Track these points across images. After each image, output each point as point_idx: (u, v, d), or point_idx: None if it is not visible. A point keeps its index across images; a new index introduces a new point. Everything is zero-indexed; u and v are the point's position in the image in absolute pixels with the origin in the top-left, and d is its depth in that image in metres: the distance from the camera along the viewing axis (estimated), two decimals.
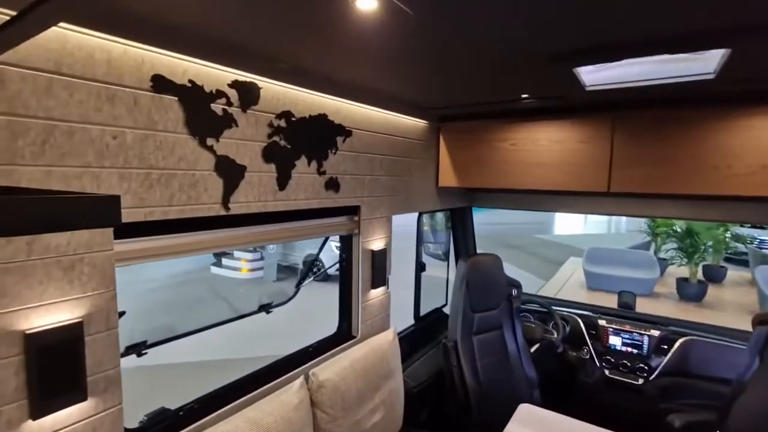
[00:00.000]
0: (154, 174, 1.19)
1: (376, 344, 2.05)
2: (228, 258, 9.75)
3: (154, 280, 8.57)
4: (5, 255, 0.93)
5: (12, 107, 0.92)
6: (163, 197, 1.22)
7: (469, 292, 2.49)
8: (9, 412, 0.95)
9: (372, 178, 2.10)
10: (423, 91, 1.93)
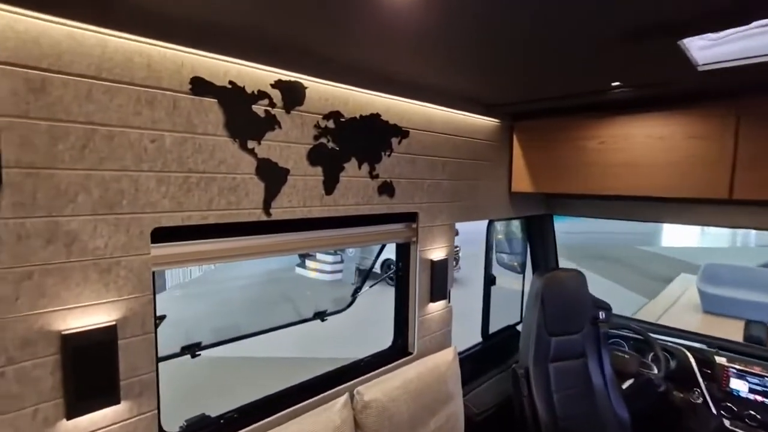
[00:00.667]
0: (192, 178, 1.18)
1: (434, 363, 1.87)
2: (310, 260, 10.23)
3: (241, 278, 9.27)
4: (45, 256, 0.96)
5: (53, 113, 0.94)
6: (201, 201, 1.20)
7: (545, 311, 2.18)
8: (46, 410, 0.98)
9: (432, 182, 1.93)
10: (492, 86, 1.72)
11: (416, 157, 1.84)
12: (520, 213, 2.54)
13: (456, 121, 2.00)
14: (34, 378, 0.96)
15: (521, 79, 1.59)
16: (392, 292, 2.02)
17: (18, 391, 0.94)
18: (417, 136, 1.83)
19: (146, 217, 1.10)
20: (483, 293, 2.64)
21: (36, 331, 0.95)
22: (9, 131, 0.89)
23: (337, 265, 9.95)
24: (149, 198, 1.10)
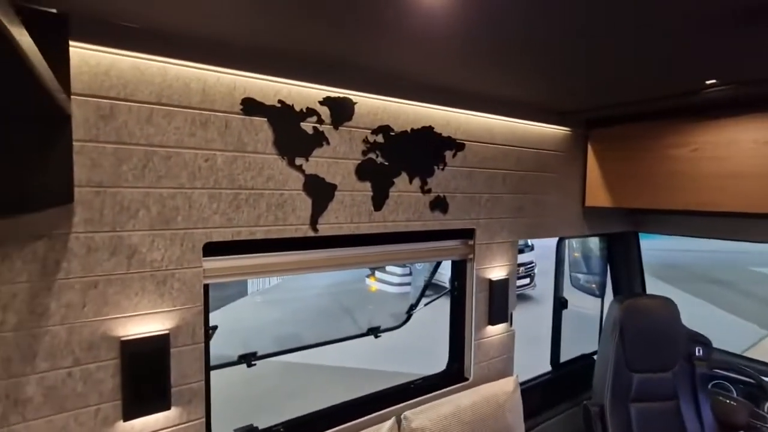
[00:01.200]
0: (242, 194, 1.22)
1: (491, 392, 1.72)
2: (380, 272, 10.33)
3: (315, 287, 9.63)
4: (109, 268, 1.04)
5: (119, 136, 1.03)
6: (250, 217, 1.24)
7: (625, 343, 1.91)
8: (106, 411, 1.06)
9: (491, 197, 1.81)
10: (561, 92, 1.58)
11: (473, 171, 1.74)
12: (596, 230, 2.28)
13: (520, 131, 1.87)
14: (97, 379, 1.04)
15: (598, 82, 1.44)
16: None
17: (83, 390, 1.02)
18: (474, 148, 1.73)
19: (198, 233, 1.16)
20: (552, 317, 2.40)
21: (99, 336, 1.04)
22: (81, 154, 0.99)
23: (405, 278, 9.91)
24: (201, 214, 1.16)
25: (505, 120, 1.81)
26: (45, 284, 0.97)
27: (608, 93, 1.59)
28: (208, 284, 1.23)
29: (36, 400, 0.97)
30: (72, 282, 1.00)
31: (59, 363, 1.00)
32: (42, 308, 0.97)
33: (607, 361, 1.91)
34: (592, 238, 2.89)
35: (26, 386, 0.96)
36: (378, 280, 10.17)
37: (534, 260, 8.70)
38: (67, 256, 0.99)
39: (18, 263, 0.94)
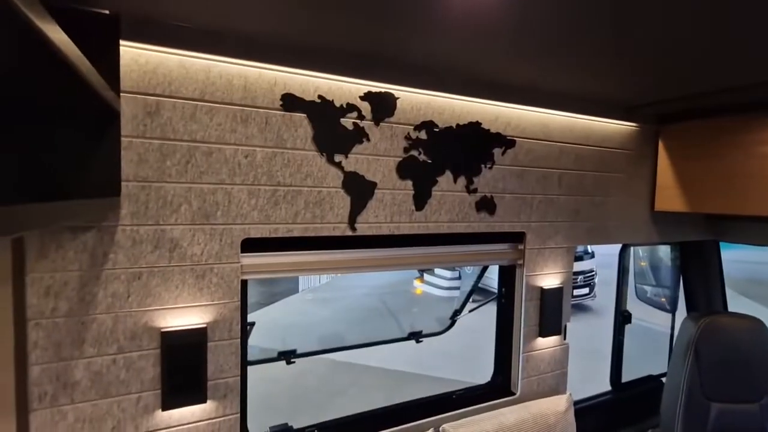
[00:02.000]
0: (280, 191, 1.21)
1: (540, 410, 1.59)
2: (429, 274, 10.20)
3: (363, 287, 9.71)
4: (152, 260, 1.07)
5: (164, 132, 1.06)
6: (288, 214, 1.23)
7: (701, 367, 1.68)
8: (146, 399, 1.09)
9: (544, 198, 1.67)
10: (629, 83, 1.42)
11: (524, 170, 1.62)
12: (667, 238, 2.04)
13: (579, 127, 1.71)
14: (139, 368, 1.07)
15: (676, 69, 1.26)
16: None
17: (125, 378, 1.06)
18: (526, 146, 1.61)
19: (237, 228, 1.16)
20: (613, 332, 2.19)
21: (142, 326, 1.07)
22: (129, 149, 1.03)
23: (454, 281, 9.69)
24: (240, 210, 1.16)
25: (562, 115, 1.66)
26: (94, 274, 1.01)
27: (685, 83, 1.40)
28: (245, 280, 1.23)
29: (83, 384, 1.02)
30: (118, 272, 1.04)
31: (105, 350, 1.04)
32: (90, 297, 1.01)
33: (678, 386, 1.69)
34: (661, 247, 2.61)
35: (74, 370, 1.01)
36: (426, 283, 10.04)
37: (594, 269, 8.14)
38: (114, 247, 1.03)
39: (70, 253, 0.99)
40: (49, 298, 0.98)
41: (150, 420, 1.09)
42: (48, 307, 0.98)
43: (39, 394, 0.98)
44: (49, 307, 0.98)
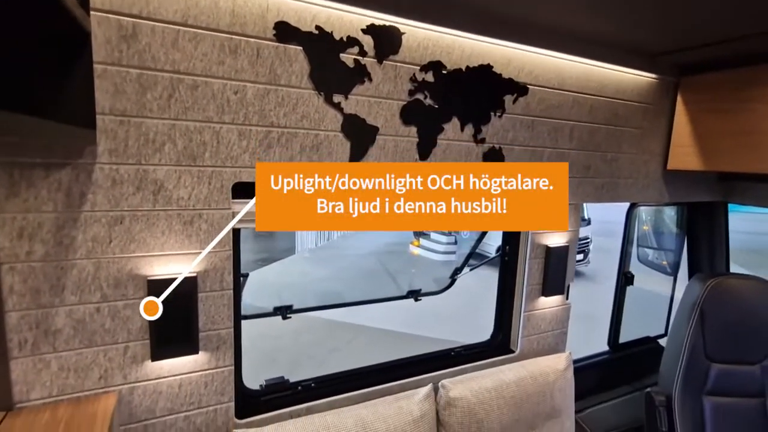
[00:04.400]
0: (274, 133, 1.11)
1: (539, 369, 1.57)
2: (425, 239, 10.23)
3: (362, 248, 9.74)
4: (134, 203, 0.99)
5: (142, 60, 0.95)
6: (282, 159, 1.13)
7: (705, 328, 1.66)
8: (134, 349, 1.04)
9: (554, 152, 1.58)
10: (654, 25, 1.29)
11: (536, 120, 1.51)
12: (678, 197, 1.97)
13: (596, 76, 1.59)
14: (125, 317, 1.01)
15: (700, 13, 1.14)
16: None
17: (111, 327, 1.00)
18: (539, 94, 1.49)
19: (227, 172, 1.07)
20: (615, 294, 2.16)
21: (126, 273, 1.00)
22: (103, 79, 0.91)
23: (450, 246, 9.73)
24: (230, 152, 1.07)
25: (579, 62, 1.54)
26: (71, 215, 0.93)
27: (712, 26, 1.27)
28: (238, 229, 1.16)
29: (66, 332, 0.96)
30: (98, 215, 0.96)
31: (87, 298, 0.97)
32: (68, 240, 0.94)
33: (680, 346, 1.67)
34: (666, 209, 2.55)
35: (55, 318, 0.95)
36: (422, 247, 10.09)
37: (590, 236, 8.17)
38: (91, 187, 0.94)
39: (43, 192, 0.90)
40: (23, 240, 0.90)
41: (139, 370, 1.05)
42: (22, 250, 0.90)
43: (19, 342, 0.92)
44: (24, 251, 0.90)
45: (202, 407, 1.14)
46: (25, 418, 0.91)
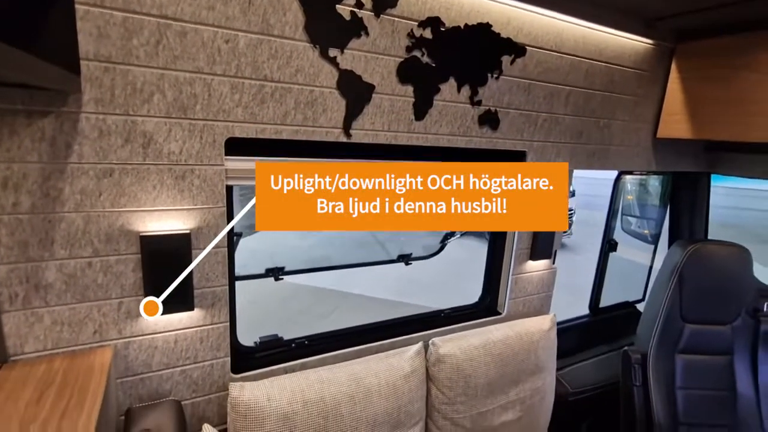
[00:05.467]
0: (267, 87, 1.07)
1: (524, 329, 1.63)
2: None
3: None
4: (123, 156, 0.96)
5: (126, 3, 0.89)
6: (276, 114, 1.10)
7: (683, 291, 1.73)
8: (129, 304, 1.03)
9: (549, 117, 1.58)
10: None
11: (532, 84, 1.50)
12: (665, 166, 2.01)
13: (593, 39, 1.57)
14: (118, 272, 1.00)
15: None
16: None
17: (104, 282, 0.99)
18: (537, 56, 1.47)
19: (219, 126, 1.04)
20: (598, 259, 2.23)
21: (117, 228, 0.98)
22: (85, 20, 0.86)
23: None
24: (222, 105, 1.03)
25: (577, 24, 1.51)
26: (57, 167, 0.90)
27: None
28: (231, 186, 1.14)
29: (57, 286, 0.95)
30: (85, 168, 0.93)
31: (78, 252, 0.95)
32: (56, 192, 0.91)
33: (658, 308, 1.75)
34: (651, 180, 2.60)
35: (46, 272, 0.93)
36: None
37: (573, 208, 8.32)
38: (77, 138, 0.91)
39: (26, 141, 0.86)
40: (8, 191, 0.87)
41: (134, 325, 1.05)
42: (8, 201, 0.87)
43: (9, 295, 0.91)
44: (9, 202, 0.87)
45: (198, 362, 1.15)
46: (20, 369, 0.91)
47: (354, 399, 1.23)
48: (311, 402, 1.17)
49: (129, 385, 1.08)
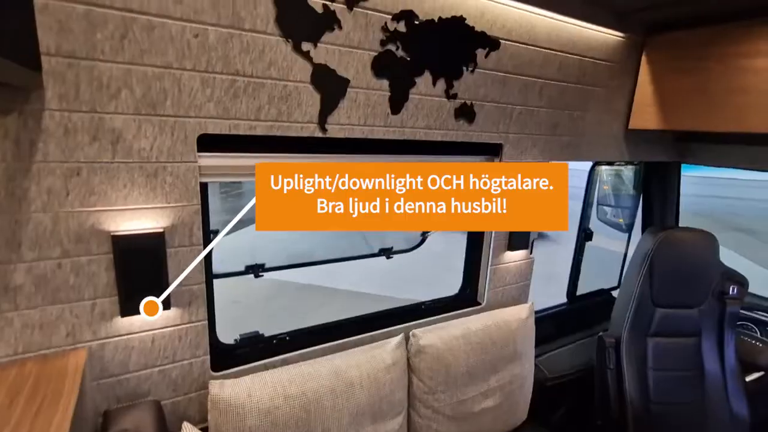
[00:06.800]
0: (239, 82, 1.06)
1: (503, 318, 1.66)
2: None
3: None
4: (91, 154, 0.93)
5: None
6: (250, 109, 1.09)
7: (653, 276, 1.80)
8: (102, 305, 1.01)
9: (524, 109, 1.60)
10: None
11: (507, 77, 1.51)
12: (637, 156, 2.06)
13: (566, 32, 1.59)
14: (90, 273, 0.98)
15: None
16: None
17: (75, 283, 0.97)
18: (510, 50, 1.49)
19: (191, 122, 1.02)
20: (575, 249, 2.29)
21: (88, 228, 0.96)
22: (45, 14, 0.83)
23: None
24: (194, 101, 1.01)
25: (550, 17, 1.53)
26: (22, 166, 0.87)
27: None
28: (206, 183, 1.12)
29: (27, 288, 0.93)
30: (52, 166, 0.90)
31: (47, 253, 0.93)
32: (21, 192, 0.88)
33: (630, 294, 1.81)
34: (624, 171, 2.67)
35: (14, 274, 0.91)
36: None
37: None
38: (42, 136, 0.88)
39: None
40: None
41: (109, 326, 1.03)
42: None
43: None
44: None
45: (177, 361, 1.14)
46: None
47: (336, 392, 1.24)
48: (293, 396, 1.17)
49: (106, 387, 1.07)
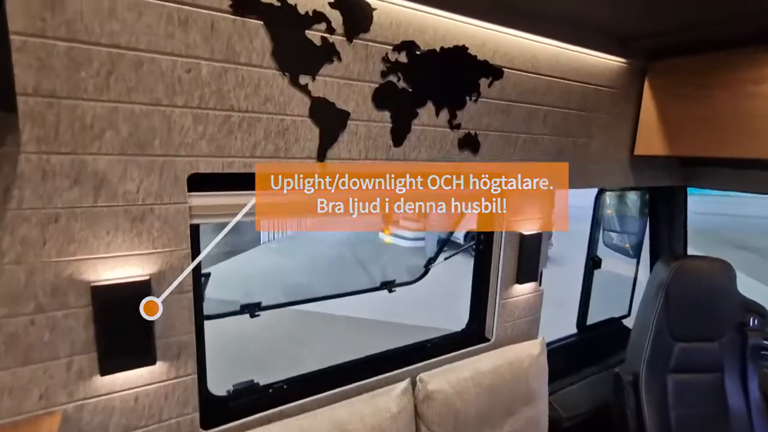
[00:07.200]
0: (234, 117, 1.00)
1: (515, 356, 1.57)
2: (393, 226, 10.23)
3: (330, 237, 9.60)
4: (71, 199, 0.86)
5: (72, 32, 0.81)
6: (245, 146, 1.03)
7: (670, 309, 1.71)
8: (80, 363, 0.92)
9: (528, 137, 1.55)
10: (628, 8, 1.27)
11: (511, 105, 1.47)
12: (643, 182, 2.01)
13: (568, 59, 1.56)
14: (66, 328, 0.89)
15: None
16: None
17: (50, 340, 0.88)
18: (514, 78, 1.45)
19: (181, 161, 0.96)
20: (583, 277, 2.21)
21: (65, 279, 0.88)
22: (24, 52, 0.77)
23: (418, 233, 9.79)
24: (185, 138, 0.95)
25: (550, 44, 1.50)
26: None
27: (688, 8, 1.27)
28: (197, 225, 1.05)
29: None
30: (27, 213, 0.83)
31: (19, 309, 0.84)
32: None
33: (647, 327, 1.72)
34: (630, 195, 2.62)
35: None
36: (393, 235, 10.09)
37: None
38: (18, 181, 0.81)
39: None
40: None
41: (87, 387, 0.94)
42: None
43: None
44: None
45: (163, 420, 1.04)
46: None
47: None
48: None
49: None
